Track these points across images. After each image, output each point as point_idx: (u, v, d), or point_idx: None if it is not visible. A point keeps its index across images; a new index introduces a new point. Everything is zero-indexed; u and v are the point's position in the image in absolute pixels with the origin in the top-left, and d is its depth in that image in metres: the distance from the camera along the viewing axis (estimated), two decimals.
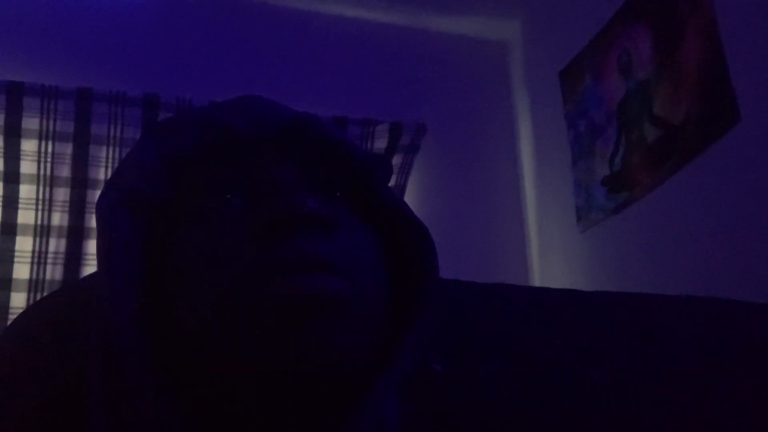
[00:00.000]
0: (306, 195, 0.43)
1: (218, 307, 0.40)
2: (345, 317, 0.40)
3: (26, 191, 1.91)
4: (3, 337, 0.51)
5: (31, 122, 1.93)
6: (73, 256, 1.90)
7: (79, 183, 1.94)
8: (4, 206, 1.89)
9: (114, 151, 1.97)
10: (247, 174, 0.45)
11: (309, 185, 0.45)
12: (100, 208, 0.46)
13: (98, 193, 2.09)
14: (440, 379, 0.44)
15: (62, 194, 1.92)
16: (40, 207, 1.90)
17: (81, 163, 1.95)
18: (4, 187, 1.90)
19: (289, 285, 0.39)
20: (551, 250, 2.20)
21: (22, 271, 1.87)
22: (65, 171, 1.94)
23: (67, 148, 1.95)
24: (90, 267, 1.90)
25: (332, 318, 0.40)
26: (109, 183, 0.48)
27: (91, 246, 1.91)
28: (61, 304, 0.50)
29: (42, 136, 1.93)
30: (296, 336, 0.39)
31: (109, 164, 1.97)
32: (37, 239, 1.89)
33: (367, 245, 0.45)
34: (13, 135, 1.91)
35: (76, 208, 1.92)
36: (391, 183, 2.14)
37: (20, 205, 1.90)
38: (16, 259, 1.87)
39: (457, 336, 0.48)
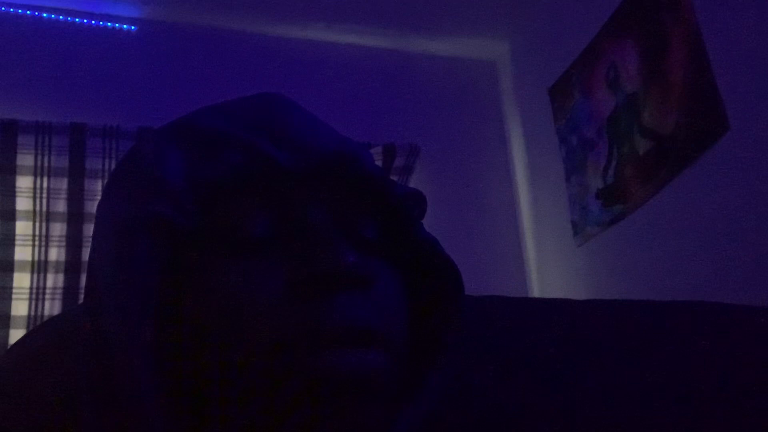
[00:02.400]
0: (346, 248, 0.40)
1: (254, 367, 0.37)
2: (381, 389, 0.39)
3: (22, 228, 1.91)
4: None
5: (25, 159, 1.93)
6: (72, 291, 1.89)
7: (76, 218, 1.94)
8: (0, 243, 1.89)
9: None
10: (284, 211, 0.41)
11: (348, 231, 0.42)
12: (112, 220, 0.42)
13: None
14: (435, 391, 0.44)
15: (59, 229, 1.93)
16: (36, 243, 1.90)
17: (76, 197, 1.95)
18: (1, 225, 1.90)
19: (335, 360, 0.37)
20: (549, 266, 2.21)
21: (20, 307, 1.86)
22: (61, 206, 1.94)
23: (63, 183, 1.95)
24: None
25: (370, 393, 0.38)
26: (118, 189, 0.44)
27: None
28: (49, 335, 0.49)
29: (37, 172, 1.94)
30: (335, 412, 0.37)
31: None
32: (35, 275, 1.88)
33: (398, 297, 0.43)
34: (8, 172, 1.92)
35: (73, 243, 1.92)
36: None
37: (17, 242, 1.90)
38: (14, 296, 1.87)
39: (453, 348, 0.49)
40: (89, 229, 1.94)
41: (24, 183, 1.93)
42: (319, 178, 0.43)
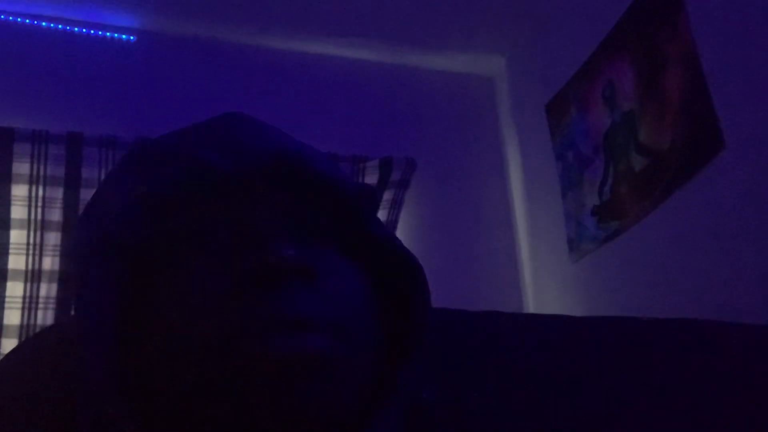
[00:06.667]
0: (286, 242, 0.41)
1: (196, 367, 0.38)
2: (330, 376, 0.39)
3: (17, 236, 1.90)
4: None
5: (21, 167, 1.93)
6: (65, 301, 1.88)
7: (70, 227, 1.93)
8: None
9: None
10: (226, 215, 0.42)
11: (292, 227, 0.43)
12: (75, 249, 0.44)
13: None
14: (429, 406, 0.44)
15: (53, 239, 1.92)
16: (30, 252, 1.89)
17: (72, 207, 1.94)
18: None
19: (268, 347, 0.38)
20: (544, 282, 2.20)
21: (13, 317, 1.85)
22: (56, 215, 1.94)
23: (58, 193, 1.95)
24: None
25: (316, 378, 0.38)
26: (82, 221, 0.46)
27: None
28: (49, 344, 0.50)
29: (32, 180, 1.93)
30: (279, 400, 0.37)
31: None
32: (28, 284, 1.87)
33: (353, 288, 0.43)
34: (4, 180, 1.91)
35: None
36: (383, 218, 2.15)
37: (11, 251, 1.89)
38: (6, 305, 1.85)
39: (447, 363, 0.48)
40: None
41: (19, 191, 1.92)
42: (262, 179, 0.43)
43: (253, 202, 0.43)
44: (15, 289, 1.87)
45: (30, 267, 1.89)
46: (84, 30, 2.18)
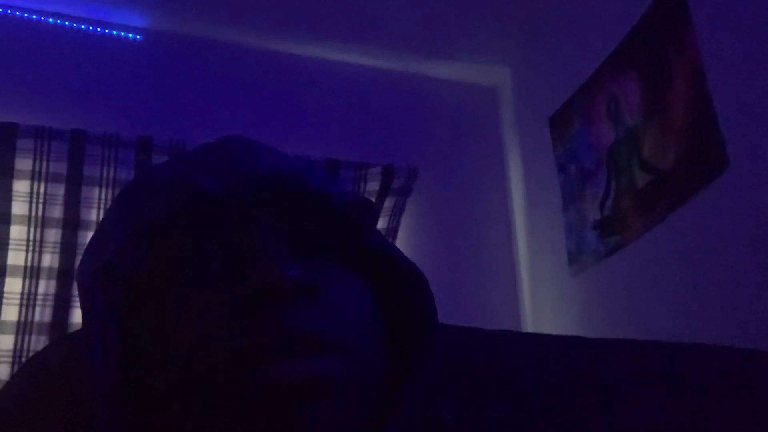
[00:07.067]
0: (286, 261, 0.41)
1: (202, 391, 0.38)
2: (340, 397, 0.39)
3: (17, 232, 1.90)
4: (1, 395, 0.50)
5: (23, 163, 1.92)
6: (63, 299, 1.88)
7: (71, 224, 1.93)
8: None
9: (106, 193, 1.97)
10: (223, 238, 0.43)
11: (291, 246, 0.43)
12: (79, 277, 0.45)
13: (90, 234, 2.07)
14: (449, 425, 0.44)
15: (53, 235, 1.91)
16: (30, 248, 1.89)
17: (73, 204, 1.94)
18: None
19: (276, 371, 0.38)
20: (543, 294, 2.21)
21: (10, 313, 1.84)
22: (57, 212, 1.93)
23: (60, 189, 1.94)
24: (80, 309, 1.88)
25: (324, 400, 0.38)
26: (87, 250, 0.47)
27: None
28: (52, 365, 0.49)
29: (34, 176, 1.92)
30: (288, 424, 0.37)
31: (102, 206, 1.96)
32: (27, 281, 1.87)
33: (358, 302, 0.43)
34: (6, 176, 1.91)
35: (67, 250, 1.91)
36: (384, 225, 2.15)
37: (10, 246, 1.88)
38: (4, 301, 1.85)
39: (466, 382, 0.48)
40: (84, 236, 1.93)
41: (21, 187, 1.92)
42: (258, 201, 0.44)
43: (251, 224, 0.43)
44: (13, 284, 1.87)
45: (29, 263, 1.88)
46: (90, 28, 2.18)
